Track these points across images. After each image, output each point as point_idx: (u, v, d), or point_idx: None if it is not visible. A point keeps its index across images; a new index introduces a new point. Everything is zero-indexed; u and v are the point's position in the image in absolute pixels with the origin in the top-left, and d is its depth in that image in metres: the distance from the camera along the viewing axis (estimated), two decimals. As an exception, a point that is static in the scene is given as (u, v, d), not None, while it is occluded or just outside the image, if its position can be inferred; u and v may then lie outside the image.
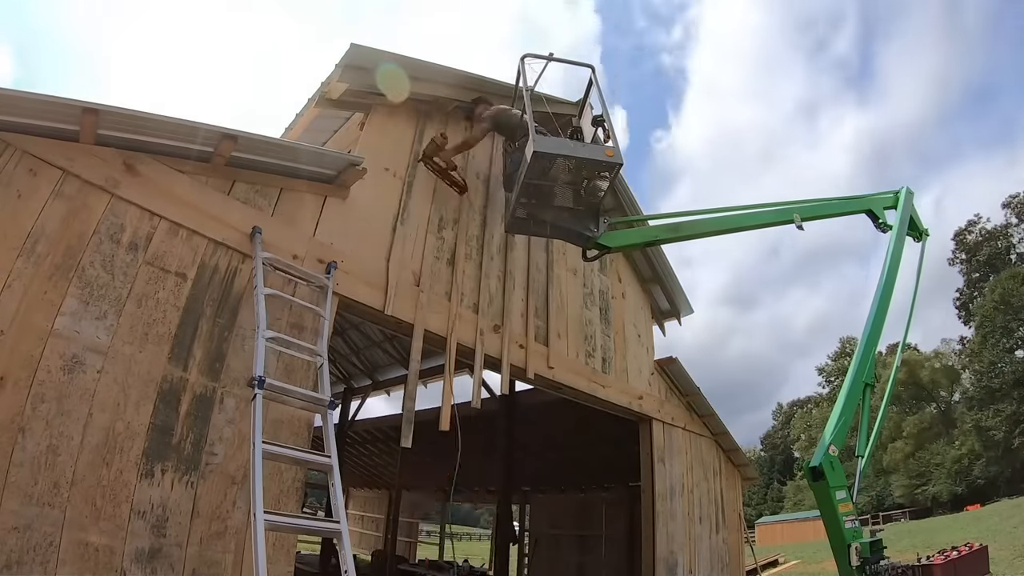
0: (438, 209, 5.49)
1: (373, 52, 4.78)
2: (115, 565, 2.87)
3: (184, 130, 3.50)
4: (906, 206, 7.89)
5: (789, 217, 6.87)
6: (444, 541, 19.34)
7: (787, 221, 6.87)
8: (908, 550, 20.05)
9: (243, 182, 3.97)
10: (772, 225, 6.94)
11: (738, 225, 6.71)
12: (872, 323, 6.90)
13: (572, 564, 12.88)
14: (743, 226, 6.76)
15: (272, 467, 3.62)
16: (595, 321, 7.29)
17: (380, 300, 4.61)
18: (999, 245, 46.82)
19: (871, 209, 7.74)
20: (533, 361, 5.94)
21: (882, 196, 8.03)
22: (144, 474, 3.07)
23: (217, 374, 3.50)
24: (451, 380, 5.10)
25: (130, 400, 3.11)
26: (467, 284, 5.52)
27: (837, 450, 6.05)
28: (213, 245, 3.68)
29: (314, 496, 19.64)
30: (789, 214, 6.90)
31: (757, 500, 60.14)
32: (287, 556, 3.58)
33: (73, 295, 3.02)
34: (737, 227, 6.71)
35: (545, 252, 6.77)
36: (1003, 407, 38.02)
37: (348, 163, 4.33)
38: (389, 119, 5.27)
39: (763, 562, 21.93)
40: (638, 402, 7.56)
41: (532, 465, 13.05)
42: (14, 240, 2.90)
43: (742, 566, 9.58)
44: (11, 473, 2.64)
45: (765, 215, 6.92)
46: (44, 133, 3.09)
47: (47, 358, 2.86)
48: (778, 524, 40.71)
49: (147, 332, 3.26)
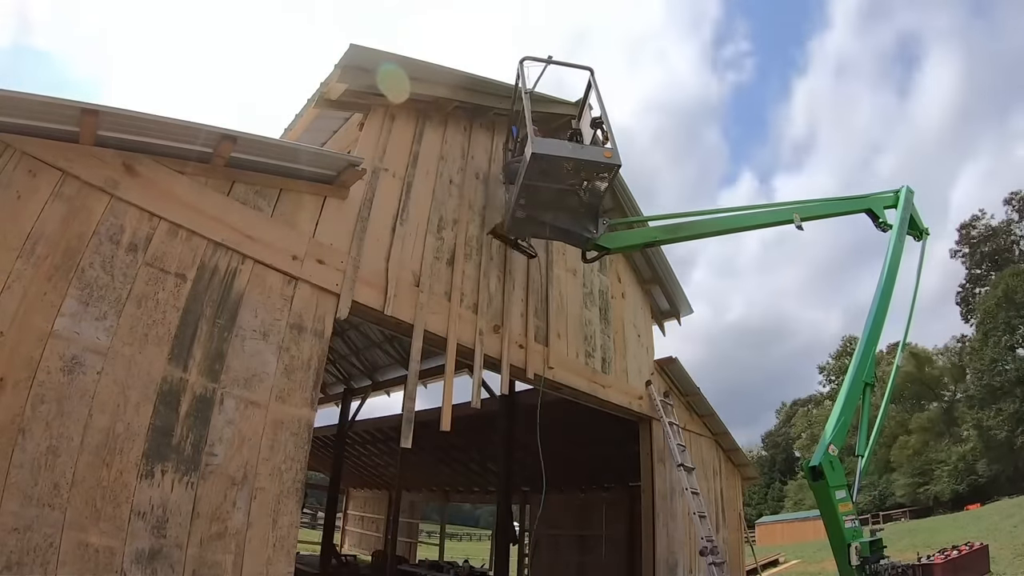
0: (437, 209, 5.49)
1: (372, 52, 4.78)
2: (115, 566, 2.88)
3: (183, 131, 3.50)
4: (906, 205, 7.86)
5: (788, 217, 6.87)
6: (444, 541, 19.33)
7: (786, 221, 6.87)
8: (908, 549, 20.04)
9: (243, 183, 3.97)
10: (771, 225, 6.95)
11: (737, 225, 6.73)
12: (872, 322, 6.88)
13: (572, 564, 12.88)
14: (742, 226, 6.78)
15: (272, 467, 3.63)
16: (595, 321, 7.29)
17: (380, 300, 4.62)
18: (1002, 242, 46.71)
19: (871, 208, 7.72)
20: (533, 361, 5.94)
21: (882, 195, 8.01)
22: (144, 475, 3.07)
23: (217, 375, 3.51)
24: (451, 380, 5.11)
25: (130, 401, 3.11)
26: (467, 284, 5.53)
27: (837, 449, 6.04)
28: (213, 246, 3.68)
29: (314, 496, 19.64)
30: (788, 214, 6.91)
31: (758, 499, 60.08)
32: (287, 556, 3.59)
33: (73, 296, 3.03)
34: (736, 227, 6.73)
35: (545, 252, 6.77)
36: (1005, 406, 37.91)
37: (347, 163, 4.34)
38: (389, 119, 5.27)
39: (763, 562, 21.92)
40: (638, 402, 7.56)
41: (532, 465, 13.04)
42: (14, 241, 2.90)
43: (742, 566, 9.58)
44: (11, 474, 2.65)
45: (764, 215, 6.94)
46: (44, 134, 3.09)
47: (47, 359, 2.87)
48: (778, 524, 40.64)
49: (147, 333, 3.27)
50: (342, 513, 21.66)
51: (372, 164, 4.92)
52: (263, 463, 3.58)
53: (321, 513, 18.66)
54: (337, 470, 14.60)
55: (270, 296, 3.90)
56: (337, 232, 4.47)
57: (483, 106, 6.17)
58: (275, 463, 3.64)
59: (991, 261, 46.33)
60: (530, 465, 12.73)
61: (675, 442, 7.13)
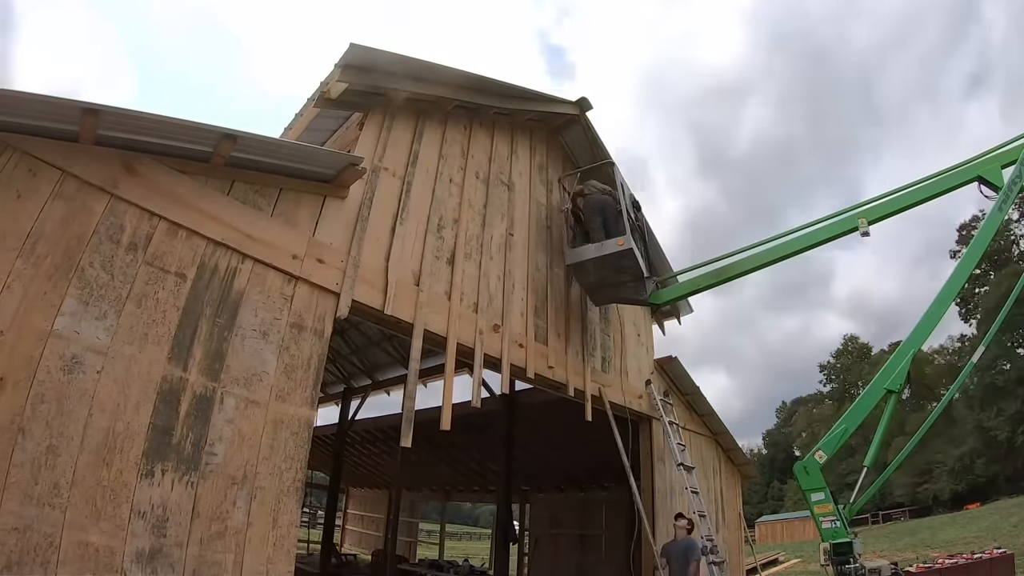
0: (437, 209, 5.49)
1: (372, 52, 4.78)
2: (115, 565, 2.88)
3: (184, 130, 3.50)
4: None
5: (851, 225, 6.21)
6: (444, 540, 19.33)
7: (849, 230, 6.24)
8: (908, 549, 20.05)
9: (242, 182, 3.97)
10: (832, 239, 6.36)
11: (785, 253, 6.40)
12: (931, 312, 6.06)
13: (572, 563, 12.88)
14: (795, 251, 6.39)
15: (272, 466, 3.63)
16: (595, 320, 7.29)
17: (380, 299, 4.62)
18: (1002, 242, 46.69)
19: (981, 176, 6.15)
20: (533, 360, 5.94)
21: (1002, 150, 6.29)
22: (144, 474, 3.07)
23: (217, 374, 3.51)
24: (451, 380, 5.11)
25: (130, 400, 3.11)
26: (467, 283, 5.53)
27: (826, 456, 6.09)
28: (213, 245, 3.68)
29: (314, 496, 19.65)
30: (851, 222, 6.24)
31: (757, 499, 60.09)
32: (287, 556, 3.59)
33: (73, 295, 3.03)
34: (788, 254, 6.40)
35: (545, 252, 6.78)
36: (1005, 406, 37.93)
37: (347, 163, 4.33)
38: (389, 119, 5.27)
39: (763, 561, 21.91)
40: (638, 401, 7.56)
41: (532, 464, 13.05)
42: (13, 241, 2.90)
43: (742, 565, 9.59)
44: (11, 474, 2.65)
45: (822, 231, 6.37)
46: (44, 133, 3.09)
47: (47, 359, 2.87)
48: (778, 523, 40.71)
49: (147, 332, 3.27)
50: (342, 512, 21.67)
51: (372, 163, 4.92)
52: (263, 462, 3.58)
53: (321, 512, 18.64)
54: (337, 469, 14.61)
55: (270, 295, 3.90)
56: (337, 231, 4.47)
57: (483, 105, 6.17)
58: (275, 462, 3.64)
59: (991, 261, 46.28)
60: (530, 463, 12.78)
61: (675, 441, 7.14)
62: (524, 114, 6.87)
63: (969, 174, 6.19)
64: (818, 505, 5.96)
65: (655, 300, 6.75)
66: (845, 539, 5.73)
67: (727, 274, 6.61)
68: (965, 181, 6.18)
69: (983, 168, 6.17)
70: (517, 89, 6.52)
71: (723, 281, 6.64)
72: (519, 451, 11.10)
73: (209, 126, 3.57)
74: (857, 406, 6.34)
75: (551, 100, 6.99)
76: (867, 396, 6.27)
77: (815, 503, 5.98)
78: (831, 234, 6.35)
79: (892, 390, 6.03)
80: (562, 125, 7.51)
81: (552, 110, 7.10)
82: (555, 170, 7.50)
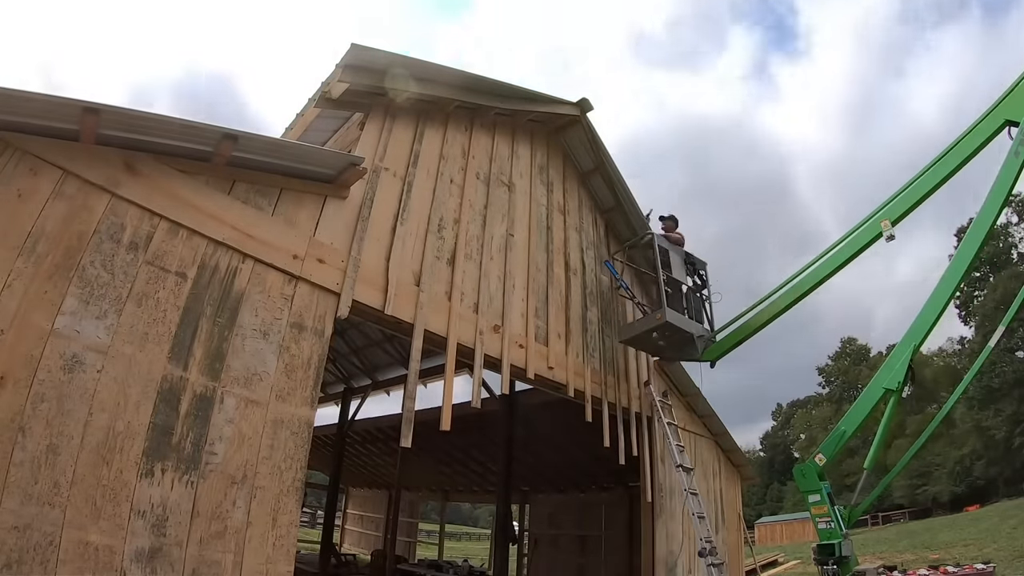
0: (438, 209, 5.49)
1: (373, 52, 4.78)
2: (115, 565, 2.88)
3: (184, 130, 3.50)
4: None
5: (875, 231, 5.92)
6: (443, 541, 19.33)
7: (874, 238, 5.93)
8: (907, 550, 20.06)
9: (243, 182, 3.97)
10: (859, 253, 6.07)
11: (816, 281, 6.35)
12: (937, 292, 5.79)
13: (572, 564, 12.87)
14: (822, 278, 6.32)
15: (272, 466, 3.63)
16: (595, 321, 7.29)
17: (380, 300, 4.62)
18: (1000, 244, 46.70)
19: (1009, 119, 5.24)
20: (533, 361, 5.94)
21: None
22: (144, 474, 3.07)
23: (217, 374, 3.51)
24: (451, 380, 5.11)
25: (130, 399, 3.11)
26: (467, 284, 5.52)
27: (825, 459, 6.20)
28: (213, 245, 3.68)
29: (314, 496, 19.65)
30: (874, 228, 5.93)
31: (757, 500, 60.10)
32: (287, 556, 3.59)
33: (73, 295, 3.03)
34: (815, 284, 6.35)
35: (545, 252, 6.78)
36: (1003, 407, 37.98)
37: (348, 163, 4.33)
38: (389, 119, 5.27)
39: (763, 562, 21.91)
40: (637, 402, 7.56)
41: (532, 465, 13.05)
42: (14, 240, 2.90)
43: (741, 566, 9.59)
44: (11, 472, 2.65)
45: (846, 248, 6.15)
46: (45, 133, 3.09)
47: (47, 358, 2.87)
48: (778, 524, 40.73)
49: (147, 332, 3.27)
50: (342, 512, 21.66)
51: (373, 163, 4.92)
52: (263, 462, 3.58)
53: (321, 512, 18.64)
54: (337, 469, 14.61)
55: (270, 295, 3.90)
56: (337, 231, 4.47)
57: (484, 106, 6.18)
58: (275, 462, 3.64)
59: (990, 264, 46.30)
60: (530, 464, 12.78)
61: (674, 442, 7.13)
62: (525, 115, 6.87)
63: (996, 121, 5.33)
64: (815, 506, 6.17)
65: (707, 357, 7.01)
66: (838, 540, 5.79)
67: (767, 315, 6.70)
68: (992, 133, 5.35)
69: (1010, 109, 5.25)
70: (518, 90, 6.52)
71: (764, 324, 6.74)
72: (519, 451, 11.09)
73: (210, 126, 3.58)
74: (856, 408, 6.36)
75: (552, 101, 6.99)
76: (866, 397, 6.28)
77: (812, 504, 6.22)
78: (856, 248, 6.06)
79: (890, 389, 5.96)
80: (563, 126, 7.51)
81: (553, 111, 7.10)
82: (555, 171, 7.50)
